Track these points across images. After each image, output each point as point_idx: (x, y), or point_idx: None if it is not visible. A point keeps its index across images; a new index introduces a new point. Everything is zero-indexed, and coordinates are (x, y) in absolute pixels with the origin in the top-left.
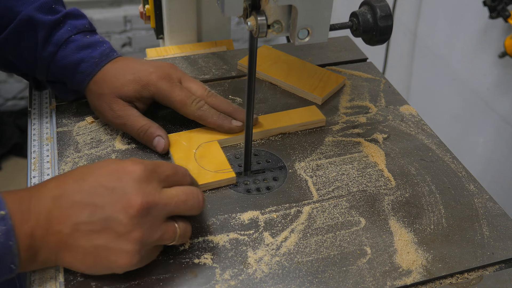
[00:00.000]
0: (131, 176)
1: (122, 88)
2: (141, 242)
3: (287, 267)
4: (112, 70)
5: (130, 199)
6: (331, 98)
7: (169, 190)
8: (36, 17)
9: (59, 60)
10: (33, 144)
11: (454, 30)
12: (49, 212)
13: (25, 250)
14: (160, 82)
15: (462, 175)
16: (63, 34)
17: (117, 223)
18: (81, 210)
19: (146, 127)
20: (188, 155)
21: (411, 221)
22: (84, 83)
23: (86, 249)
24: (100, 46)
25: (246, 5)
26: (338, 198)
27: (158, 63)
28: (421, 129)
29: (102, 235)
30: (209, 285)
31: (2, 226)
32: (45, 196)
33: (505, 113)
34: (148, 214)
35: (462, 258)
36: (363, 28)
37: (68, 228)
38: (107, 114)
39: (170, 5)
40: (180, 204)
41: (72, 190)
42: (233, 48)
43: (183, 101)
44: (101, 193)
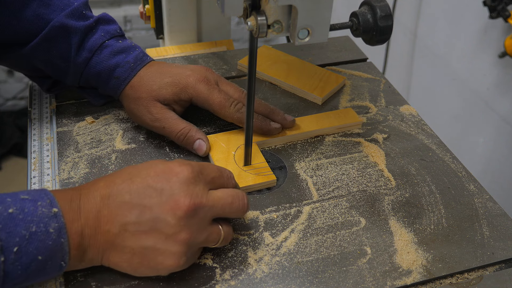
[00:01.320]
0: (179, 177)
1: (160, 91)
2: (188, 244)
3: (287, 267)
4: (148, 74)
5: (178, 201)
6: (331, 98)
7: (215, 192)
8: (68, 23)
9: (93, 66)
10: (33, 144)
11: (454, 30)
12: (98, 211)
13: (75, 248)
14: (199, 84)
15: (462, 175)
16: (97, 40)
17: (165, 224)
18: (130, 210)
19: (186, 131)
20: (228, 157)
21: (411, 221)
22: (120, 88)
23: (133, 250)
24: (133, 50)
25: (246, 5)
26: (338, 198)
27: (194, 67)
28: (421, 129)
29: (150, 236)
30: (209, 285)
31: (54, 223)
32: (94, 195)
33: (505, 113)
34: (195, 216)
35: (462, 258)
36: (363, 28)
37: (116, 228)
38: (145, 117)
39: (170, 5)
40: (226, 206)
41: (121, 190)
42: (233, 48)
43: (222, 103)
44: (149, 194)
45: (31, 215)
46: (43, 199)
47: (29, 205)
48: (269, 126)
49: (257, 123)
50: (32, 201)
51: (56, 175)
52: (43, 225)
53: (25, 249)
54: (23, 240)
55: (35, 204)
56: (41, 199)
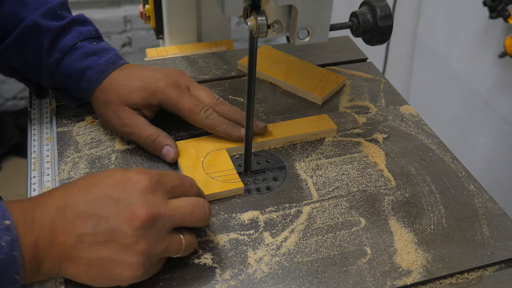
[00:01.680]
0: (136, 187)
1: (129, 96)
2: (146, 254)
3: (287, 267)
4: (119, 78)
5: (135, 210)
6: (331, 98)
7: (175, 201)
8: (41, 23)
9: (64, 67)
10: (33, 144)
11: (454, 30)
12: (53, 222)
13: (29, 261)
14: (168, 89)
15: (462, 175)
16: (69, 40)
17: (122, 234)
18: (86, 221)
19: (154, 136)
20: (196, 163)
21: (411, 221)
22: (90, 91)
23: (90, 261)
24: (106, 53)
25: (246, 5)
26: (338, 198)
27: (166, 70)
28: (421, 129)
29: (107, 247)
30: (209, 285)
31: (7, 236)
32: (49, 206)
33: (505, 113)
34: (153, 226)
35: (462, 258)
36: (363, 28)
37: (72, 239)
38: (114, 122)
39: (170, 5)
40: (186, 215)
41: (76, 201)
42: (233, 48)
43: (192, 109)
44: (106, 204)
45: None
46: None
47: None
48: (239, 133)
49: (227, 129)
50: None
51: (56, 175)
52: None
53: None
54: None
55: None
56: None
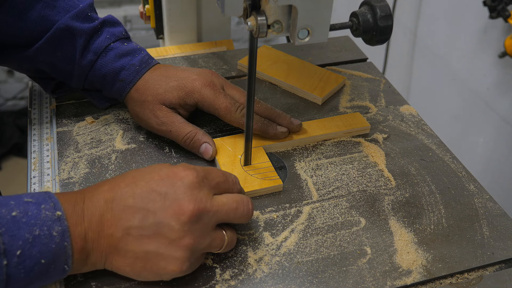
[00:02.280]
0: (183, 182)
1: (166, 95)
2: (192, 249)
3: (287, 267)
4: (153, 77)
5: (182, 205)
6: (331, 98)
7: (220, 197)
8: (73, 25)
9: (98, 69)
10: (33, 144)
11: (454, 30)
12: (102, 215)
13: (78, 251)
14: (204, 89)
15: (462, 175)
16: (102, 42)
17: (169, 229)
18: (133, 214)
19: (193, 134)
20: (234, 161)
21: (411, 221)
22: (125, 91)
23: (136, 254)
24: (138, 53)
25: (246, 5)
26: (338, 198)
27: (199, 70)
28: (421, 129)
29: (153, 241)
30: (209, 285)
31: (58, 226)
32: (98, 198)
33: (505, 113)
34: (199, 221)
35: (462, 258)
36: (363, 28)
37: (120, 232)
38: (151, 121)
39: (170, 5)
40: (231, 212)
41: (124, 194)
42: (233, 48)
43: (228, 108)
44: (153, 198)
45: (34, 218)
46: (47, 202)
47: (33, 208)
48: (275, 130)
49: (263, 127)
50: (35, 204)
51: (56, 175)
52: (46, 228)
53: (28, 253)
54: (26, 244)
55: (38, 207)
56: (45, 202)
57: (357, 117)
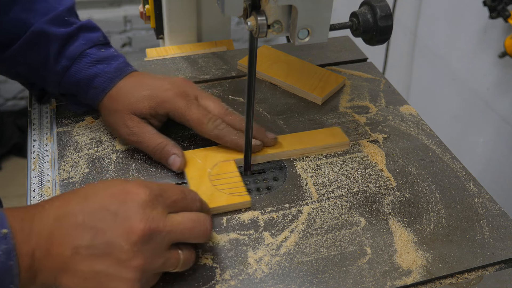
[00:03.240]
0: (135, 200)
1: (137, 105)
2: (142, 270)
3: (287, 267)
4: (126, 86)
5: (132, 225)
6: (331, 98)
7: (175, 216)
8: (48, 30)
9: (72, 75)
10: (33, 144)
11: (454, 30)
12: (51, 232)
13: (25, 270)
14: (176, 99)
15: (462, 175)
16: (77, 47)
17: (118, 249)
18: (83, 233)
19: (162, 146)
20: (203, 174)
21: (411, 221)
22: (98, 99)
23: (85, 274)
24: (115, 60)
25: (246, 5)
26: (338, 198)
27: (173, 79)
28: (421, 129)
29: (103, 261)
30: (209, 285)
31: (3, 245)
32: (48, 215)
33: (505, 113)
34: (150, 241)
35: (462, 258)
36: (363, 28)
37: (69, 250)
38: (122, 131)
39: (170, 5)
40: (186, 231)
41: (75, 211)
42: (233, 48)
43: (200, 119)
44: (103, 216)
45: None
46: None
47: None
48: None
49: (235, 139)
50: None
51: (56, 175)
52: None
53: None
54: None
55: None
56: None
57: (336, 132)
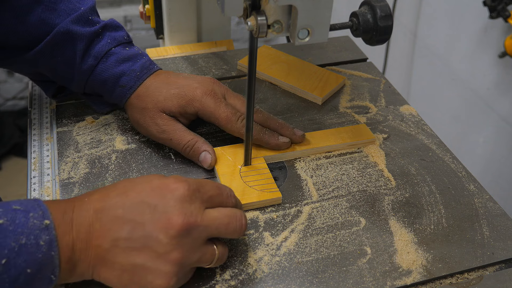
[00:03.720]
0: (174, 195)
1: (166, 102)
2: (180, 264)
3: (287, 267)
4: (154, 84)
5: (171, 219)
6: (331, 98)
7: (211, 211)
8: (73, 29)
9: (98, 74)
10: (33, 144)
11: (454, 30)
12: (90, 225)
13: (65, 261)
14: (205, 98)
15: (462, 175)
16: (103, 46)
17: (157, 242)
18: (122, 225)
19: (193, 142)
20: (233, 171)
21: (411, 221)
22: (125, 97)
23: (123, 266)
24: (140, 58)
25: (246, 5)
26: (338, 198)
27: (201, 78)
28: (421, 129)
29: (141, 254)
30: (209, 285)
31: (45, 235)
32: (87, 208)
33: (505, 113)
34: (188, 235)
35: (462, 258)
36: (363, 28)
37: (108, 243)
38: (151, 128)
39: (170, 5)
40: (222, 227)
41: (114, 205)
42: (233, 48)
43: (229, 118)
44: (142, 210)
45: (21, 227)
46: (36, 210)
47: (21, 216)
48: (276, 141)
49: (265, 137)
50: (24, 211)
51: (56, 175)
52: (33, 237)
53: (13, 262)
54: (12, 252)
55: (26, 215)
56: (34, 210)
57: (363, 129)
